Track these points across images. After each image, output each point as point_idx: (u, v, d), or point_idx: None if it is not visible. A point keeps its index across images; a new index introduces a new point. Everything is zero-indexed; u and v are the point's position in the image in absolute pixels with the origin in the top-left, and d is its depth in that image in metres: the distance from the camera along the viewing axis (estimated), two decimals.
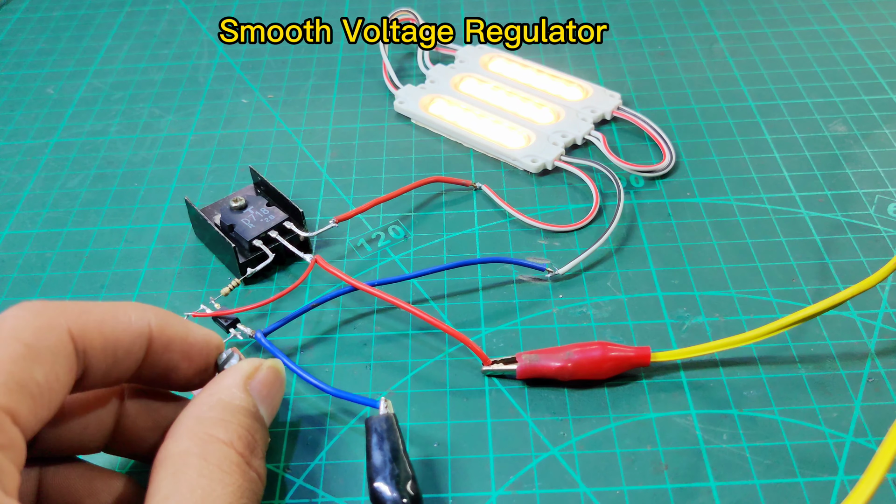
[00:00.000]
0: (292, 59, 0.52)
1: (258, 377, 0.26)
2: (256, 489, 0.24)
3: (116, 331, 0.24)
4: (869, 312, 0.34)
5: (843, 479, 0.28)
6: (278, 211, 0.38)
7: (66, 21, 0.57)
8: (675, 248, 0.37)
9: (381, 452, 0.27)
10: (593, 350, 0.31)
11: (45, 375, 0.21)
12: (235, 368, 0.27)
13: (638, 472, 0.29)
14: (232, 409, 0.25)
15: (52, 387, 0.22)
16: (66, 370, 0.22)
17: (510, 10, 0.55)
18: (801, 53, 0.49)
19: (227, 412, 0.25)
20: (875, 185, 0.40)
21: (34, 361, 0.21)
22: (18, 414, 0.21)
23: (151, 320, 0.25)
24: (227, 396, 0.25)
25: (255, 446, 0.25)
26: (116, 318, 0.24)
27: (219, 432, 0.24)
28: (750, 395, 0.31)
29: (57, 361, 0.22)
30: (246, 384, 0.26)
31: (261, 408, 0.26)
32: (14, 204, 0.42)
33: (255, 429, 0.25)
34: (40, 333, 0.22)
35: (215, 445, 0.23)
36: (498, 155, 0.43)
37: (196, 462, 0.23)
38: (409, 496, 0.26)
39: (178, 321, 0.26)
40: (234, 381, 0.26)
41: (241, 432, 0.24)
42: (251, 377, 0.26)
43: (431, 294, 0.36)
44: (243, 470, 0.24)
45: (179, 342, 0.26)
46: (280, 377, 0.28)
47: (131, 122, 0.47)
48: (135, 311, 0.25)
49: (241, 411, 0.25)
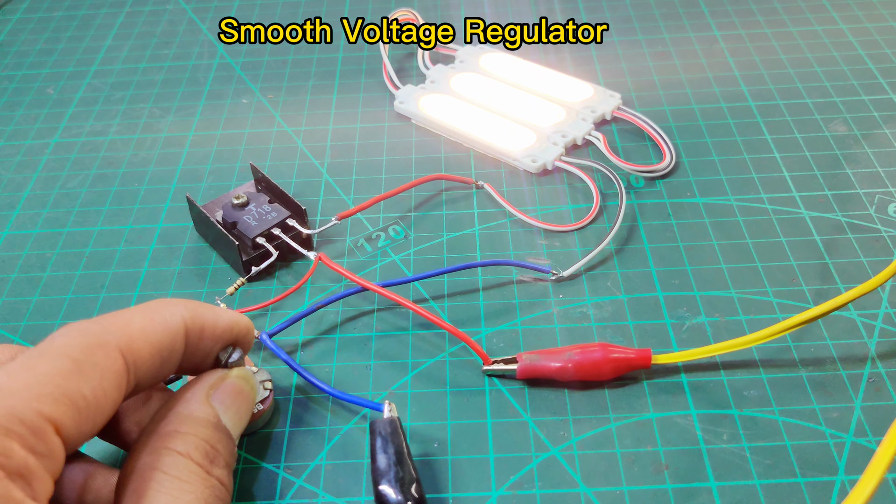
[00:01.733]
0: (292, 59, 0.52)
1: (222, 387, 0.26)
2: (220, 496, 0.24)
3: (158, 335, 0.24)
4: (869, 313, 0.34)
5: (844, 480, 0.28)
6: (280, 208, 0.37)
7: (66, 21, 0.57)
8: (676, 248, 0.37)
9: (385, 456, 0.27)
10: (594, 351, 0.31)
11: (92, 391, 0.22)
12: (198, 379, 0.26)
13: (638, 473, 0.29)
14: (189, 420, 0.25)
15: (99, 403, 0.22)
16: (114, 387, 0.23)
17: (510, 10, 0.55)
18: (801, 53, 0.49)
19: (184, 424, 0.25)
20: (875, 185, 0.40)
21: (82, 377, 0.22)
22: (62, 426, 0.21)
23: (184, 314, 0.25)
24: (185, 409, 0.25)
25: (215, 456, 0.24)
26: (155, 322, 0.24)
27: (176, 444, 0.24)
28: (750, 396, 0.31)
29: (105, 378, 0.22)
30: (208, 395, 0.26)
31: (224, 418, 0.26)
32: (14, 204, 0.42)
33: (216, 439, 0.25)
34: (89, 351, 0.22)
35: (172, 458, 0.23)
36: (498, 155, 0.43)
37: (155, 475, 0.23)
38: (413, 499, 0.26)
39: (206, 309, 0.26)
40: (194, 393, 0.26)
41: (197, 443, 0.24)
42: (214, 387, 0.26)
43: (432, 294, 0.36)
44: (203, 478, 0.24)
45: (211, 329, 0.26)
46: (247, 386, 0.27)
47: (131, 122, 0.47)
48: (166, 308, 0.25)
49: (199, 422, 0.25)
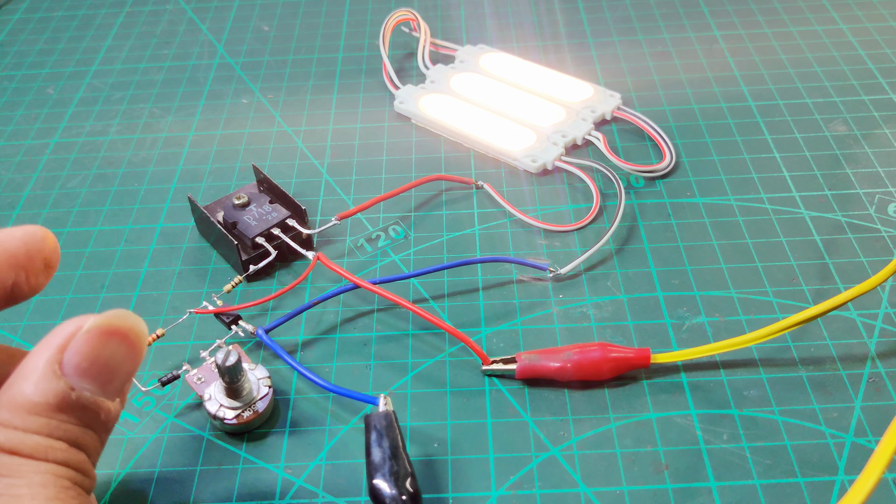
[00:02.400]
0: (292, 59, 0.52)
1: (73, 347, 0.21)
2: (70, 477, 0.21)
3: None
4: (869, 312, 0.34)
5: (844, 479, 0.28)
6: (281, 208, 0.38)
7: (66, 21, 0.57)
8: (676, 248, 0.37)
9: (380, 449, 0.27)
10: (593, 351, 0.31)
11: None
12: (44, 343, 0.22)
13: (638, 473, 0.29)
14: (21, 407, 0.21)
15: None
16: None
17: (510, 9, 0.55)
18: (801, 53, 0.49)
19: (14, 413, 0.21)
20: (875, 185, 0.40)
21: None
22: None
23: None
24: (20, 391, 0.21)
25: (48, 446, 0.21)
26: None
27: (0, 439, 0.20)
28: (750, 396, 0.31)
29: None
30: (53, 364, 0.21)
31: (83, 384, 0.21)
32: (14, 204, 0.42)
33: (52, 427, 0.21)
34: None
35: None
36: (498, 155, 0.43)
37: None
38: (408, 493, 0.26)
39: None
40: (35, 366, 0.21)
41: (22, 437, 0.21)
42: (62, 349, 0.21)
43: (432, 294, 0.36)
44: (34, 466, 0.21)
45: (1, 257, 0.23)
46: (118, 332, 0.22)
47: (131, 122, 0.47)
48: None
49: (33, 408, 0.21)
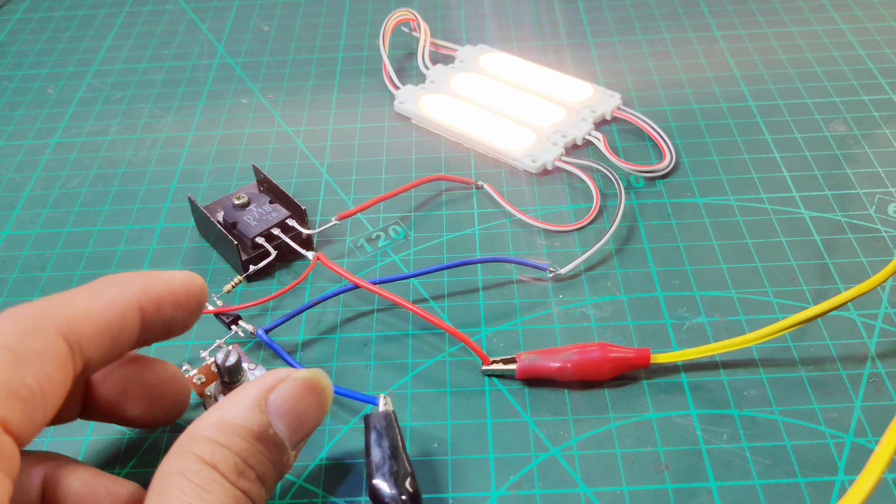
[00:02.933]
0: (292, 59, 0.52)
1: (280, 391, 0.24)
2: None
3: (105, 314, 0.23)
4: (869, 313, 0.34)
5: (843, 480, 0.28)
6: (281, 208, 0.38)
7: (66, 21, 0.57)
8: (676, 248, 0.37)
9: (380, 449, 0.27)
10: (593, 351, 0.31)
11: (35, 379, 0.21)
12: (258, 380, 0.25)
13: (638, 473, 0.29)
14: (227, 428, 0.23)
15: (45, 389, 0.21)
16: (59, 369, 0.22)
17: (510, 10, 0.55)
18: (801, 53, 0.49)
19: (220, 432, 0.23)
20: (875, 185, 0.40)
21: (22, 366, 0.21)
22: (10, 421, 0.20)
23: (134, 290, 0.24)
24: (230, 414, 0.24)
25: (243, 470, 0.23)
26: (101, 300, 0.23)
27: (204, 452, 0.23)
28: (750, 396, 0.31)
29: (47, 362, 0.21)
30: (261, 399, 0.24)
31: (278, 425, 0.24)
32: (14, 204, 0.42)
33: (251, 453, 0.23)
34: (26, 337, 0.21)
35: (198, 465, 0.23)
36: (498, 155, 0.43)
37: (178, 480, 0.22)
38: (407, 493, 0.26)
39: (157, 278, 0.25)
40: (246, 396, 0.24)
41: (227, 455, 0.23)
42: (271, 390, 0.24)
43: (431, 294, 0.36)
44: (225, 489, 0.23)
45: (167, 297, 0.25)
46: (315, 389, 0.25)
47: (131, 122, 0.47)
48: (115, 285, 0.24)
49: (237, 431, 0.23)
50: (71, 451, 0.30)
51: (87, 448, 0.31)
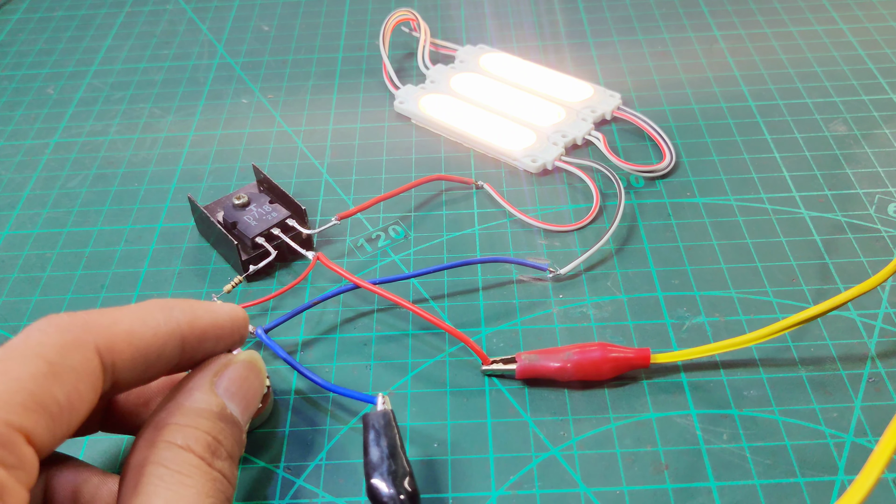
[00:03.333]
0: (292, 59, 0.52)
1: (226, 374, 0.26)
2: (224, 489, 0.23)
3: (146, 339, 0.23)
4: (869, 312, 0.34)
5: (843, 479, 0.28)
6: (281, 208, 0.38)
7: (66, 21, 0.57)
8: (676, 248, 0.37)
9: (378, 449, 0.27)
10: (593, 351, 0.31)
11: (66, 395, 0.21)
12: (201, 368, 0.26)
13: (638, 472, 0.29)
14: (191, 412, 0.24)
15: (73, 405, 0.21)
16: (90, 388, 0.22)
17: (510, 10, 0.55)
18: (801, 53, 0.49)
19: (185, 416, 0.24)
20: (875, 185, 0.40)
21: (56, 380, 0.21)
22: (34, 433, 0.20)
23: (180, 319, 0.25)
24: (187, 399, 0.24)
25: (216, 448, 0.24)
26: (146, 325, 0.24)
27: (175, 437, 0.23)
28: (750, 396, 0.31)
29: (80, 379, 0.21)
30: (211, 383, 0.25)
31: (231, 406, 0.25)
32: (14, 204, 0.42)
33: (218, 430, 0.24)
34: (65, 351, 0.21)
35: (172, 451, 0.23)
36: (498, 155, 0.43)
37: (154, 470, 0.22)
38: (406, 492, 0.26)
39: (204, 310, 0.26)
40: (197, 382, 0.25)
41: (198, 435, 0.23)
42: (218, 374, 0.25)
43: (431, 294, 0.36)
44: (204, 471, 0.23)
45: (211, 329, 0.26)
46: (254, 369, 0.26)
47: (131, 122, 0.47)
48: (162, 312, 0.24)
49: (201, 413, 0.24)
50: (71, 451, 0.30)
51: (87, 448, 0.31)
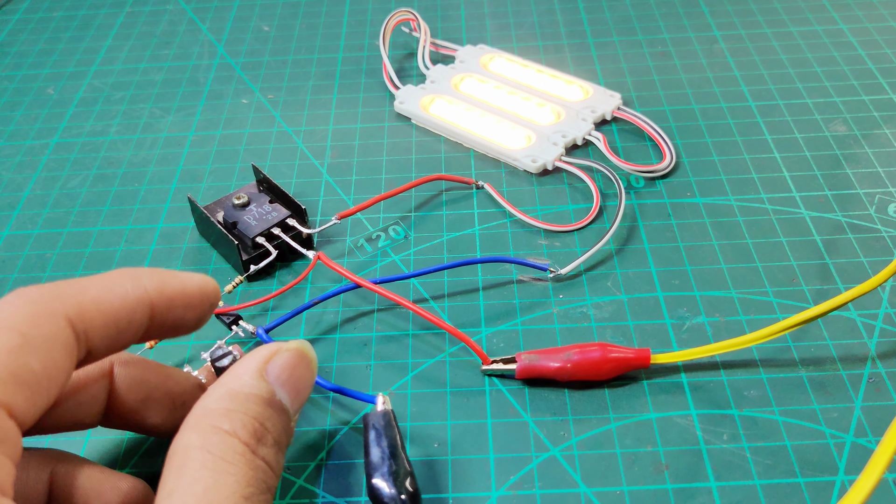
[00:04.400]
0: (292, 59, 0.52)
1: (276, 361, 0.25)
2: (266, 478, 0.23)
3: (114, 305, 0.24)
4: (869, 313, 0.34)
5: (844, 480, 0.28)
6: (281, 208, 0.38)
7: (66, 21, 0.57)
8: (676, 248, 0.37)
9: (379, 449, 0.27)
10: (593, 351, 0.31)
11: (42, 364, 0.21)
12: (252, 354, 0.26)
13: (638, 473, 0.29)
14: (239, 397, 0.24)
15: (49, 374, 0.21)
16: (65, 356, 0.22)
17: (510, 10, 0.55)
18: (801, 53, 0.49)
19: (233, 401, 0.24)
20: (875, 185, 0.40)
21: (30, 351, 0.21)
22: (14, 406, 0.20)
23: (147, 286, 0.25)
24: (237, 385, 0.24)
25: (263, 434, 0.24)
26: (113, 292, 0.24)
27: (222, 422, 0.23)
28: (750, 396, 0.31)
29: (54, 348, 0.22)
30: (261, 370, 0.25)
31: (280, 393, 0.25)
32: (14, 204, 0.42)
33: (266, 416, 0.24)
34: (36, 321, 0.21)
35: (218, 436, 0.23)
36: (498, 155, 0.43)
37: (199, 454, 0.22)
38: (407, 493, 0.26)
39: (172, 277, 0.26)
40: (247, 368, 0.25)
41: (245, 420, 0.23)
42: (268, 361, 0.25)
43: (432, 294, 0.36)
44: (248, 459, 0.23)
45: (179, 297, 0.25)
46: (306, 358, 0.26)
47: (131, 123, 0.47)
48: (130, 279, 0.24)
49: (250, 399, 0.24)
50: (72, 450, 0.30)
51: (87, 448, 0.31)
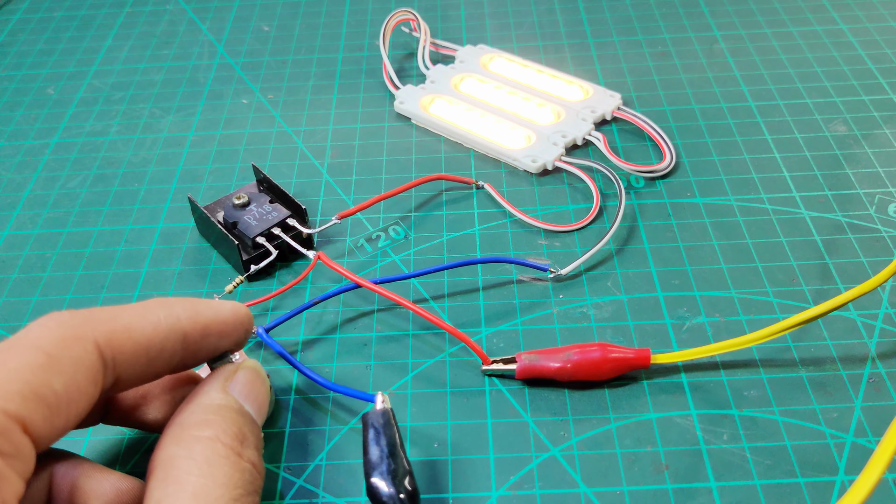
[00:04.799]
0: (292, 59, 0.52)
1: (237, 378, 0.26)
2: (252, 479, 0.24)
3: (146, 333, 0.24)
4: (869, 313, 0.34)
5: (844, 480, 0.28)
6: (281, 208, 0.38)
7: (66, 21, 0.57)
8: (676, 248, 0.37)
9: (377, 448, 0.27)
10: (593, 351, 0.31)
11: (64, 386, 0.21)
12: (212, 375, 0.27)
13: (638, 473, 0.29)
14: (212, 408, 0.25)
15: (71, 397, 0.21)
16: (89, 381, 0.22)
17: (510, 10, 0.55)
18: (801, 53, 0.49)
19: (209, 412, 0.25)
20: (875, 185, 0.40)
21: (54, 371, 0.21)
22: (31, 423, 0.20)
23: (181, 315, 0.25)
24: (207, 399, 0.25)
25: (244, 438, 0.24)
26: (145, 319, 0.24)
27: (203, 431, 0.24)
28: (750, 396, 0.31)
29: (79, 371, 0.22)
30: (224, 387, 0.26)
31: (246, 406, 0.26)
32: (14, 204, 0.42)
33: (243, 423, 0.25)
34: (64, 344, 0.22)
35: (200, 444, 0.23)
36: (498, 155, 0.43)
37: (183, 463, 0.23)
38: (406, 492, 0.26)
39: (206, 306, 0.26)
40: (212, 386, 0.26)
41: (226, 426, 0.24)
42: (229, 379, 0.26)
43: (432, 294, 0.36)
44: (233, 461, 0.23)
45: (214, 326, 0.26)
46: (260, 376, 0.27)
47: (131, 123, 0.47)
48: (162, 308, 0.25)
49: (224, 409, 0.25)
50: (72, 450, 0.30)
51: (87, 448, 0.31)
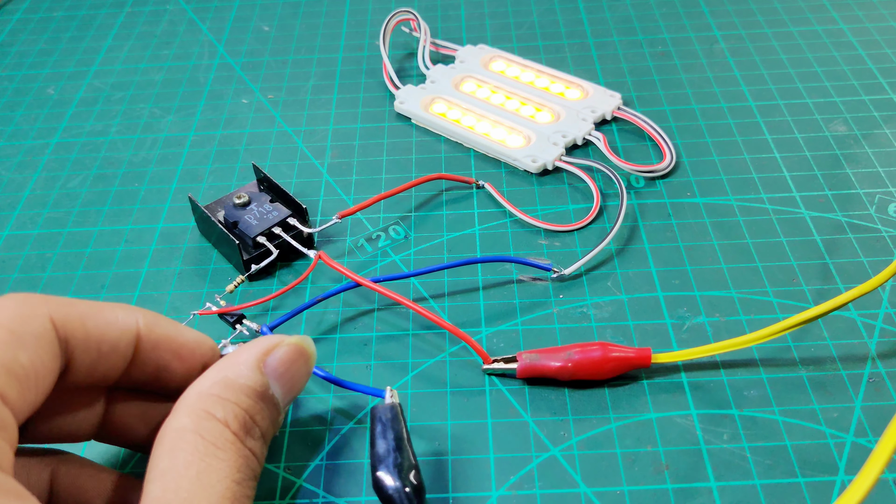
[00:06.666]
0: (292, 59, 0.52)
1: (276, 354, 0.26)
2: (253, 466, 0.24)
3: (100, 325, 0.24)
4: (869, 312, 0.34)
5: (844, 480, 0.28)
6: (281, 207, 0.38)
7: (66, 21, 0.57)
8: (676, 248, 0.37)
9: (384, 441, 0.27)
10: (594, 350, 0.31)
11: (29, 359, 0.22)
12: (253, 344, 0.26)
13: (638, 473, 0.29)
14: (234, 386, 0.24)
15: (37, 371, 0.22)
16: (51, 356, 0.23)
17: (510, 10, 0.55)
18: (801, 53, 0.49)
19: (228, 390, 0.24)
20: (875, 185, 0.40)
21: (18, 346, 0.22)
22: (7, 395, 0.21)
23: (140, 320, 0.25)
24: (233, 373, 0.25)
25: (251, 427, 0.24)
26: (101, 313, 0.25)
27: (216, 409, 0.24)
28: (750, 396, 0.31)
29: (41, 346, 0.22)
30: (259, 361, 0.25)
31: (275, 387, 0.25)
32: (14, 204, 0.42)
33: (256, 410, 0.24)
34: (23, 320, 0.22)
35: (211, 423, 0.23)
36: (498, 155, 0.43)
37: (192, 437, 0.23)
38: (411, 485, 0.26)
39: (167, 322, 0.26)
40: (246, 358, 0.25)
41: (237, 412, 0.24)
42: (267, 353, 0.26)
43: (432, 293, 0.36)
44: (238, 448, 0.23)
45: (168, 342, 0.26)
46: (304, 354, 0.27)
47: (132, 123, 0.47)
48: (122, 310, 0.25)
49: (243, 390, 0.24)
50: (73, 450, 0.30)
51: (88, 448, 0.31)
